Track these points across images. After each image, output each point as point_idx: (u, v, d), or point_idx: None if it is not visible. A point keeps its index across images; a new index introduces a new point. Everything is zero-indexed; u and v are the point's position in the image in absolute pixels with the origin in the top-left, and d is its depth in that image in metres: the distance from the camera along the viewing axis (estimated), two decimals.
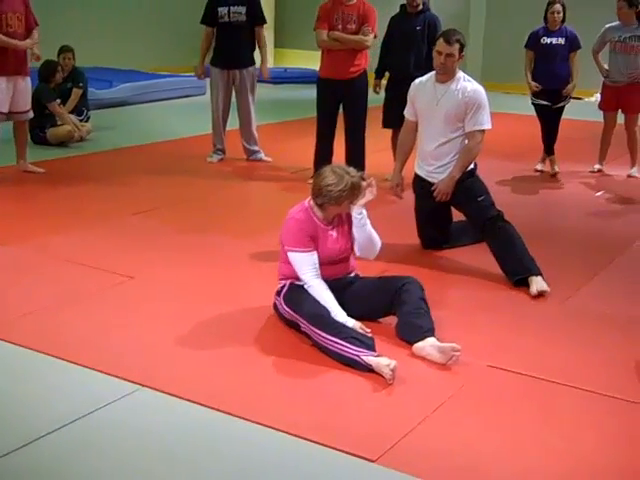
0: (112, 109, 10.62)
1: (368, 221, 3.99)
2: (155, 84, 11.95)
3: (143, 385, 3.33)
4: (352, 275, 4.10)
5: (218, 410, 3.15)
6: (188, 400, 3.22)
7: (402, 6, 7.06)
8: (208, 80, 8.04)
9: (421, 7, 6.90)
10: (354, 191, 3.82)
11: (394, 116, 6.21)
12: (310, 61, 14.96)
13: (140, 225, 5.66)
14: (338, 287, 3.88)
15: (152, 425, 3.08)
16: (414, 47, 6.82)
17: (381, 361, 3.41)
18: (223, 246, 5.23)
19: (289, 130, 9.76)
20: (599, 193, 7.12)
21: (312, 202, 3.91)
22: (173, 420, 3.12)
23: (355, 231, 3.98)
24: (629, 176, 7.64)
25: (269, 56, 8.46)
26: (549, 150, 7.74)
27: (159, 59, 14.22)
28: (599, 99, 7.87)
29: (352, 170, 3.87)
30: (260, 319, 4.03)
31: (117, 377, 3.39)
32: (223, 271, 4.76)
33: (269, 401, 3.26)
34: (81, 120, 8.65)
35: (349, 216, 4.00)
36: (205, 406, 3.18)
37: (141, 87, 11.56)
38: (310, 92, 7.17)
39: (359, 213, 3.93)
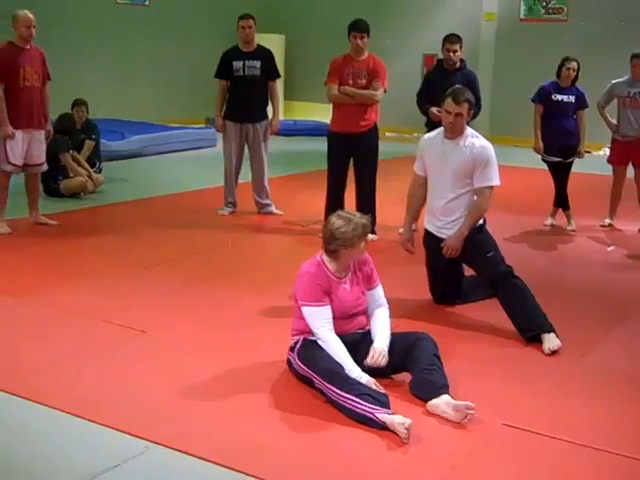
0: (124, 161, 10.73)
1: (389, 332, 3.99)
2: (166, 136, 12.08)
3: (156, 443, 3.30)
4: (365, 330, 4.09)
5: (230, 468, 3.12)
6: (201, 458, 3.19)
7: (439, 61, 7.13)
8: (219, 132, 8.10)
9: (459, 64, 6.97)
10: (365, 230, 3.89)
11: None
12: (319, 113, 15.14)
13: (152, 278, 5.68)
14: (351, 342, 3.87)
15: None
16: None
17: (395, 419, 3.39)
18: (235, 300, 5.23)
19: (299, 183, 9.83)
20: (611, 248, 7.11)
21: (324, 256, 3.94)
22: (186, 478, 3.09)
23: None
24: None
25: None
26: (565, 204, 7.75)
27: (170, 111, 14.39)
28: (608, 153, 7.91)
29: (356, 213, 3.99)
30: (273, 374, 4.01)
31: (130, 434, 3.37)
32: (235, 326, 4.76)
33: (282, 458, 3.23)
34: (94, 172, 8.73)
35: (361, 267, 4.02)
36: (217, 464, 3.15)
37: (153, 139, 11.70)
38: (319, 144, 7.24)
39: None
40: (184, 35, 14.97)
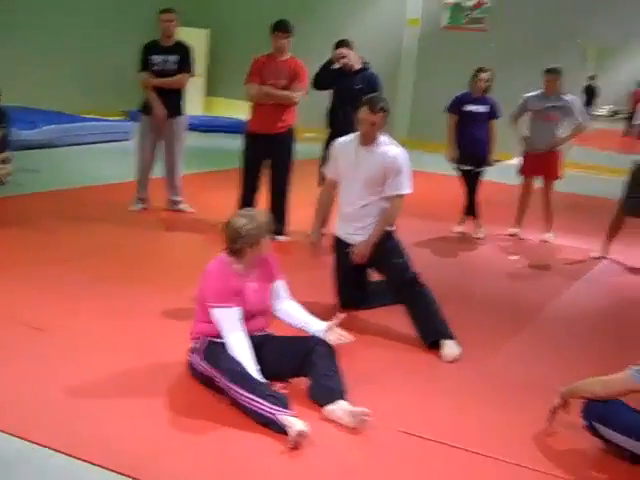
0: (35, 151, 10.45)
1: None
2: (80, 127, 11.83)
3: (44, 446, 3.23)
4: (265, 333, 4.09)
5: (117, 472, 3.09)
6: (88, 462, 3.15)
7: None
8: (134, 125, 7.96)
9: (359, 67, 6.99)
10: (268, 227, 3.94)
11: None
12: (241, 110, 15.00)
13: (57, 275, 5.53)
14: (252, 345, 3.85)
15: None
16: (355, 106, 6.85)
17: (296, 425, 3.38)
18: (139, 300, 5.15)
19: (214, 180, 9.74)
20: (514, 257, 7.29)
21: (228, 255, 3.92)
22: None
23: (299, 328, 4.11)
24: (543, 241, 7.85)
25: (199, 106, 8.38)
26: (474, 213, 7.90)
27: (85, 101, 14.08)
28: (518, 164, 8.10)
29: (257, 210, 4.13)
30: (171, 377, 3.98)
31: (17, 437, 3.29)
32: (137, 326, 4.69)
33: (171, 463, 3.20)
34: (2, 161, 8.48)
35: (264, 263, 4.04)
36: (106, 469, 3.11)
37: (66, 129, 11.44)
38: (238, 142, 7.20)
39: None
40: (104, 25, 14.63)
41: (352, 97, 6.83)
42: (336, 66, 6.93)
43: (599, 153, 15.22)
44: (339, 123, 6.90)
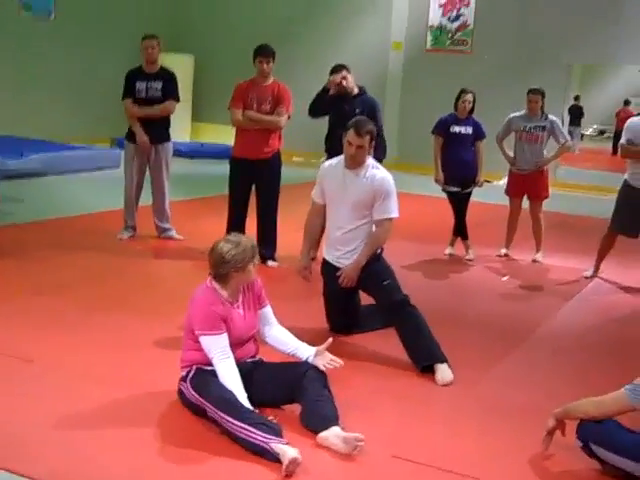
0: (22, 180, 10.38)
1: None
2: (67, 155, 11.78)
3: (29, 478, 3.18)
4: (256, 359, 4.06)
5: None
6: None
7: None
8: (122, 153, 7.92)
9: (356, 91, 6.91)
10: (254, 252, 3.90)
11: None
12: (227, 136, 15.01)
13: (45, 304, 5.49)
14: (242, 372, 3.82)
15: None
16: None
17: (289, 453, 3.33)
18: (130, 327, 5.11)
19: (203, 207, 9.70)
20: (505, 278, 7.27)
21: (213, 282, 3.89)
22: None
23: (289, 354, 4.06)
24: (534, 261, 7.84)
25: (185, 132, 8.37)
26: (463, 234, 7.89)
27: (74, 129, 14.06)
28: (505, 185, 8.11)
29: (243, 235, 4.03)
30: (162, 406, 3.93)
31: (6, 470, 3.23)
32: (127, 355, 4.63)
33: None
34: None
35: (250, 289, 4.02)
36: None
37: (53, 158, 11.38)
38: (225, 168, 7.19)
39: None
40: (90, 52, 14.65)
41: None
42: (332, 92, 6.86)
43: (588, 172, 15.27)
44: (337, 148, 6.85)
